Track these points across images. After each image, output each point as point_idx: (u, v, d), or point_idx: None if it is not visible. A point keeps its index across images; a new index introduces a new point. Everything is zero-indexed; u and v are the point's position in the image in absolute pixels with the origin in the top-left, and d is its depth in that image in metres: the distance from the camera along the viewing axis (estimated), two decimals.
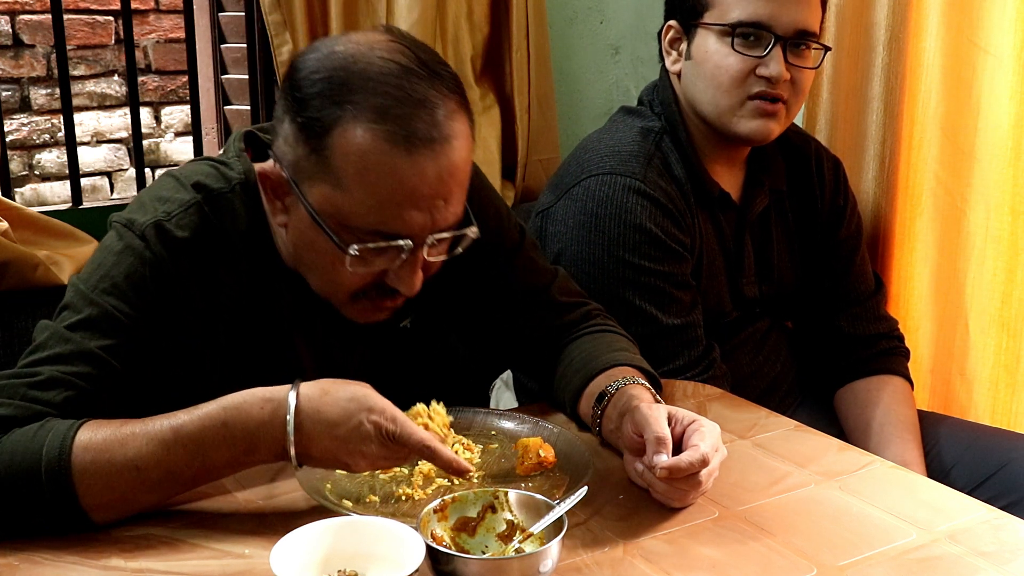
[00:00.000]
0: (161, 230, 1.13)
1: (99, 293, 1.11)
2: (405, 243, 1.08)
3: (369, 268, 1.10)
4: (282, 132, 1.10)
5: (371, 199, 1.05)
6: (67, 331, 1.09)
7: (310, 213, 1.08)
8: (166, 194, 1.17)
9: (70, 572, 0.96)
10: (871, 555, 1.01)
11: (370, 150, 1.03)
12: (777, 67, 1.49)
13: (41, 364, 1.08)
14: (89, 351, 1.08)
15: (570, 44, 2.59)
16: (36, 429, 1.03)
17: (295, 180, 1.09)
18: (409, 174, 1.04)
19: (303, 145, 1.07)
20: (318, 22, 2.08)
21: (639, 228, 1.49)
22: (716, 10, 1.52)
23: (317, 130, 1.05)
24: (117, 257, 1.13)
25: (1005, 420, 1.80)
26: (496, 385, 1.85)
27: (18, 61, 3.06)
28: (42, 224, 1.75)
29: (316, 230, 1.09)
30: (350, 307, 1.17)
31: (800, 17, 1.49)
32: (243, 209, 1.17)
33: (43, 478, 1.00)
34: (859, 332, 1.73)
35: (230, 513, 1.08)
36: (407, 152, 1.03)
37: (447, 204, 1.09)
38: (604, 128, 1.66)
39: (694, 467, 1.05)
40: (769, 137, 1.55)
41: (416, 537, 0.91)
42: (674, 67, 1.60)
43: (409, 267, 1.10)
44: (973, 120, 1.78)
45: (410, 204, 1.06)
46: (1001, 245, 1.76)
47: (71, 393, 1.07)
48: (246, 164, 1.19)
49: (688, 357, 1.50)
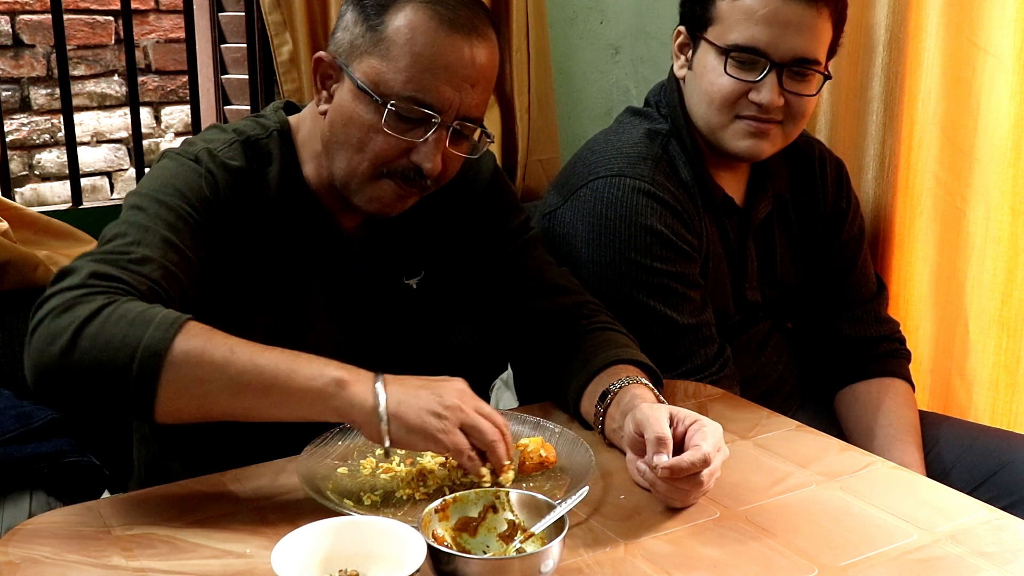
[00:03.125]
0: (212, 154, 1.25)
1: (165, 195, 1.21)
2: (435, 116, 1.20)
3: (401, 135, 1.21)
4: (342, 24, 1.26)
5: (414, 67, 1.19)
6: (145, 222, 1.18)
7: (357, 84, 1.21)
8: (210, 135, 1.31)
9: (71, 571, 0.96)
10: (872, 555, 1.01)
11: (419, 25, 1.20)
12: (768, 95, 1.47)
13: (130, 246, 1.15)
14: (171, 240, 1.17)
15: (570, 44, 2.59)
16: (149, 306, 1.07)
17: (345, 63, 1.23)
18: (448, 50, 1.20)
19: (362, 24, 1.23)
20: (318, 22, 2.08)
21: (649, 229, 1.49)
22: (718, 27, 1.50)
23: (377, 8, 1.22)
24: (175, 172, 1.24)
25: (1005, 420, 1.80)
26: (496, 385, 1.85)
27: (18, 61, 3.06)
28: (42, 224, 1.75)
29: (359, 101, 1.22)
30: (371, 187, 1.25)
31: (799, 45, 1.46)
32: (278, 153, 1.30)
33: (144, 341, 1.03)
34: (861, 334, 1.73)
35: (231, 512, 1.08)
36: (449, 32, 1.20)
37: (473, 89, 1.23)
38: (611, 129, 1.66)
39: (695, 467, 1.05)
40: (760, 156, 1.55)
41: (417, 537, 0.91)
42: (679, 72, 1.60)
43: (433, 144, 1.22)
44: (973, 120, 1.78)
45: (444, 77, 1.20)
46: (1001, 245, 1.76)
47: (167, 274, 1.15)
48: (282, 117, 1.34)
49: (704, 356, 1.51)
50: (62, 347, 1.02)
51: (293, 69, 2.07)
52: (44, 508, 1.30)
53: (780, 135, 1.54)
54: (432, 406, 1.06)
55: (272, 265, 1.29)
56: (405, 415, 1.05)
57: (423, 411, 1.06)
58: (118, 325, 1.03)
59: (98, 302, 1.05)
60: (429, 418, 1.06)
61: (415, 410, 1.06)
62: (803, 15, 1.45)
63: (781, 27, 1.45)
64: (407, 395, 1.07)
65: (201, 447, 1.31)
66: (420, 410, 1.06)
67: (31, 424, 1.37)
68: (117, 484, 1.46)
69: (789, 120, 1.52)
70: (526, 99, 2.32)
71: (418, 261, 1.40)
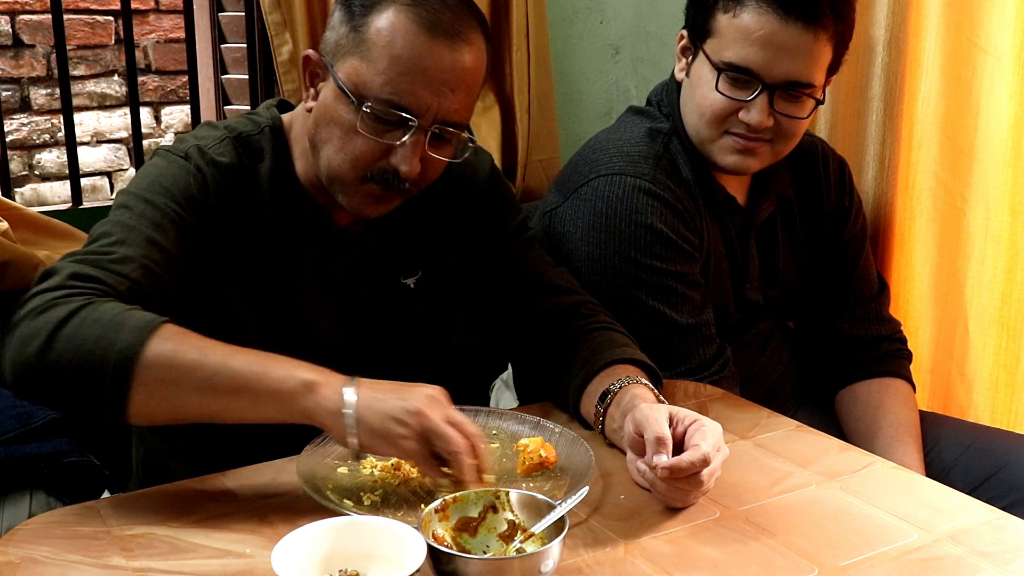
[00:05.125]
0: (201, 151, 1.26)
1: (152, 194, 1.22)
2: (411, 119, 1.20)
3: (378, 137, 1.21)
4: (331, 23, 1.27)
5: (391, 69, 1.19)
6: (130, 221, 1.19)
7: (338, 84, 1.22)
8: (202, 132, 1.31)
9: (71, 571, 0.96)
10: (872, 555, 1.01)
11: (399, 28, 1.20)
12: (758, 116, 1.46)
13: (112, 246, 1.16)
14: (154, 239, 1.18)
15: (570, 44, 2.59)
16: (126, 308, 1.09)
17: (331, 63, 1.24)
18: (427, 54, 1.20)
19: (346, 24, 1.23)
20: (318, 22, 2.08)
21: (649, 228, 1.49)
22: (715, 41, 1.48)
23: (362, 9, 1.22)
24: (163, 170, 1.25)
25: (1005, 420, 1.80)
26: (496, 385, 1.85)
27: (18, 61, 3.06)
28: (42, 224, 1.75)
29: (339, 101, 1.22)
30: (357, 191, 1.26)
31: (793, 69, 1.44)
32: (270, 149, 1.31)
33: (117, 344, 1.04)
34: (862, 334, 1.73)
35: (231, 512, 1.08)
36: (430, 36, 1.20)
37: (453, 95, 1.22)
38: (612, 128, 1.66)
39: (695, 467, 1.05)
40: (748, 171, 1.54)
41: (417, 537, 0.91)
42: (679, 75, 1.59)
43: (412, 148, 1.22)
44: (973, 120, 1.78)
45: (422, 81, 1.20)
46: (1001, 245, 1.76)
47: (147, 273, 1.15)
48: (274, 114, 1.35)
49: (704, 356, 1.50)
50: (38, 348, 1.04)
51: (293, 69, 2.07)
52: (44, 508, 1.30)
53: (769, 152, 1.52)
54: (396, 412, 1.05)
55: (266, 261, 1.29)
56: (370, 420, 1.05)
57: (387, 417, 1.05)
58: (93, 327, 1.05)
59: (75, 304, 1.07)
60: (391, 424, 1.05)
61: (379, 415, 1.05)
62: (800, 39, 1.43)
63: (776, 50, 1.43)
64: (375, 400, 1.06)
65: (201, 447, 1.31)
66: (384, 415, 1.05)
67: (31, 424, 1.37)
68: (117, 484, 1.46)
69: (779, 139, 1.51)
70: (526, 99, 2.32)
71: (415, 261, 1.40)
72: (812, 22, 1.43)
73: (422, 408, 1.05)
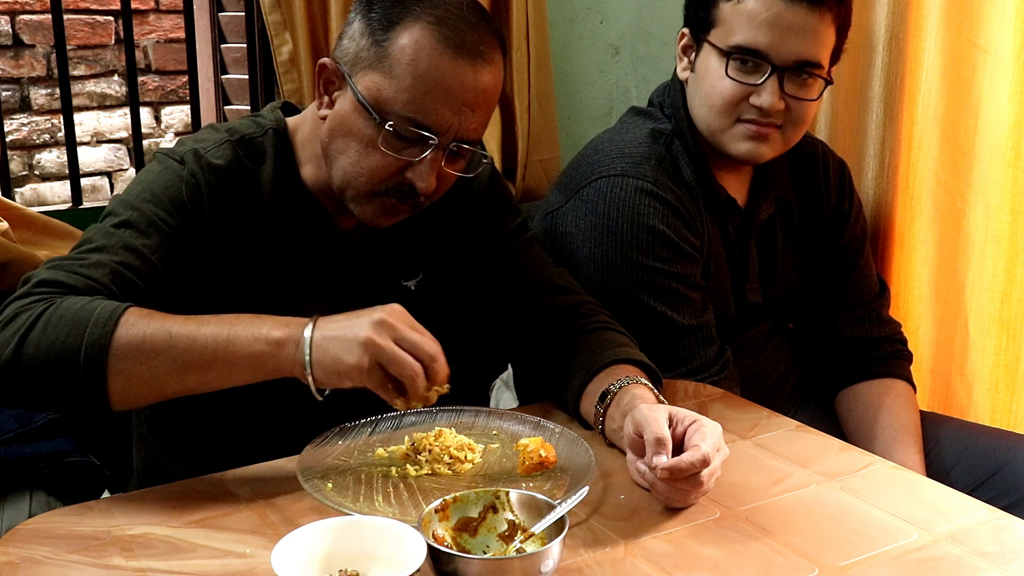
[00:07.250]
0: (197, 155, 1.26)
1: (140, 201, 1.23)
2: (432, 137, 1.20)
3: (397, 154, 1.21)
4: (349, 31, 1.26)
5: (415, 88, 1.19)
6: (112, 228, 1.21)
7: (357, 98, 1.22)
8: (203, 135, 1.32)
9: (71, 571, 0.96)
10: (872, 555, 1.01)
11: (424, 45, 1.19)
12: (769, 98, 1.47)
13: (89, 252, 1.19)
14: (132, 246, 1.20)
15: (570, 44, 2.59)
16: (89, 300, 1.11)
17: (350, 73, 1.23)
18: (451, 74, 1.20)
19: (368, 37, 1.22)
20: (318, 22, 2.08)
21: (651, 230, 1.49)
22: (720, 29, 1.50)
23: (384, 23, 1.21)
24: (157, 175, 1.26)
25: (1005, 420, 1.80)
26: (496, 385, 1.85)
27: (18, 61, 3.06)
28: (42, 224, 1.76)
29: (358, 114, 1.22)
30: (368, 202, 1.26)
31: (802, 48, 1.46)
32: (272, 151, 1.31)
33: (85, 340, 1.07)
34: (862, 335, 1.73)
35: (231, 512, 1.08)
36: (454, 56, 1.19)
37: (473, 114, 1.23)
38: (614, 128, 1.66)
39: (695, 467, 1.05)
40: (760, 159, 1.54)
41: (417, 537, 0.91)
42: (683, 74, 1.59)
43: (430, 165, 1.23)
44: (973, 120, 1.78)
45: (445, 101, 1.20)
46: (1001, 245, 1.76)
47: (117, 277, 1.17)
48: (278, 116, 1.35)
49: (705, 357, 1.50)
50: (9, 357, 1.07)
51: (293, 69, 2.08)
52: (44, 508, 1.30)
53: (780, 139, 1.53)
54: (346, 344, 1.07)
55: (266, 263, 1.30)
56: (321, 360, 1.08)
57: (340, 354, 1.07)
58: (59, 327, 1.07)
59: (38, 308, 1.10)
60: (343, 356, 1.07)
61: (330, 355, 1.08)
62: (806, 19, 1.45)
63: (783, 30, 1.45)
64: (325, 339, 1.09)
65: (201, 447, 1.31)
66: (336, 355, 1.08)
67: (31, 424, 1.37)
68: (117, 484, 1.46)
69: (789, 124, 1.52)
70: (526, 99, 2.32)
71: (415, 263, 1.40)
72: (816, 2, 1.45)
73: (371, 336, 1.07)
